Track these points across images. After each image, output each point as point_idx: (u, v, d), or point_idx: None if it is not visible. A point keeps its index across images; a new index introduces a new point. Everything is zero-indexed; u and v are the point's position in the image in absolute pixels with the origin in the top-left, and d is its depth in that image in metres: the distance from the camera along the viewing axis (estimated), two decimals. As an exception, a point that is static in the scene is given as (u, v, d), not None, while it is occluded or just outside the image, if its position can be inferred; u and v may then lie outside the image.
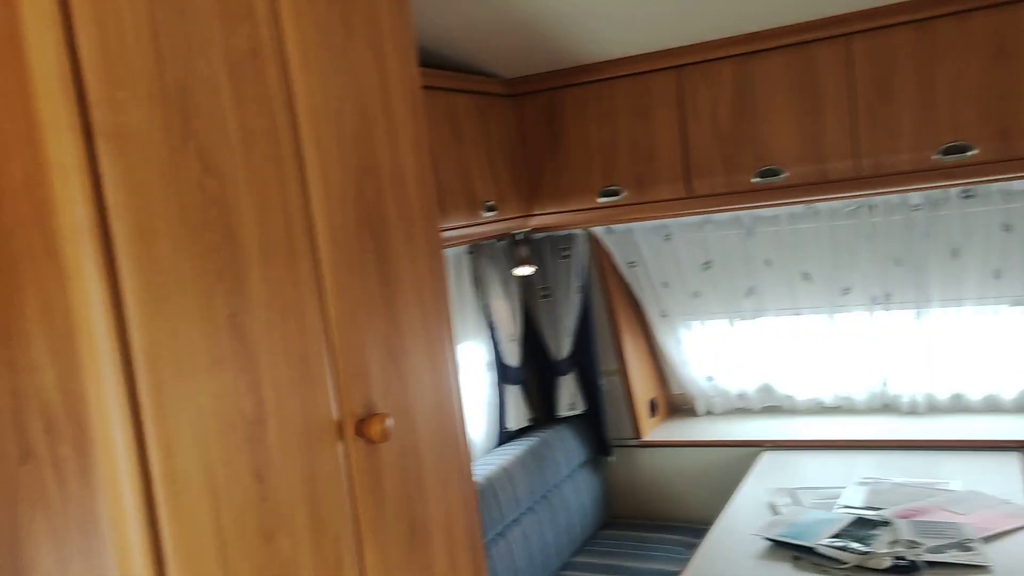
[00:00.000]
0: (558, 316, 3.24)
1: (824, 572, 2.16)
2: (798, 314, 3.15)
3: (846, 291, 3.04)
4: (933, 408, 3.14)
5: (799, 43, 2.44)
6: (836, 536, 2.29)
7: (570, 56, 2.64)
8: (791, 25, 2.43)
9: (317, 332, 1.34)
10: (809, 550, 2.24)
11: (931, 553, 2.13)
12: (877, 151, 2.37)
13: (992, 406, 3.06)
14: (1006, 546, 2.17)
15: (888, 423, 3.12)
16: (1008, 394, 3.02)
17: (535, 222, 2.85)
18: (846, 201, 2.88)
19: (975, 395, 3.06)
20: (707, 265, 3.20)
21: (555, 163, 2.80)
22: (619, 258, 3.26)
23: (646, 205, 2.68)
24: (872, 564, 2.11)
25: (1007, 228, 2.74)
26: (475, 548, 1.70)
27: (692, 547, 3.06)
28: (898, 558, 2.11)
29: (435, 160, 2.26)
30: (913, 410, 3.14)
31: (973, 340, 2.97)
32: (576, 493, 3.19)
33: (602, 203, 2.72)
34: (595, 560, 3.06)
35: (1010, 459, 2.74)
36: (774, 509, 2.57)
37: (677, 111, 2.62)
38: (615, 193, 2.70)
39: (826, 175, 2.44)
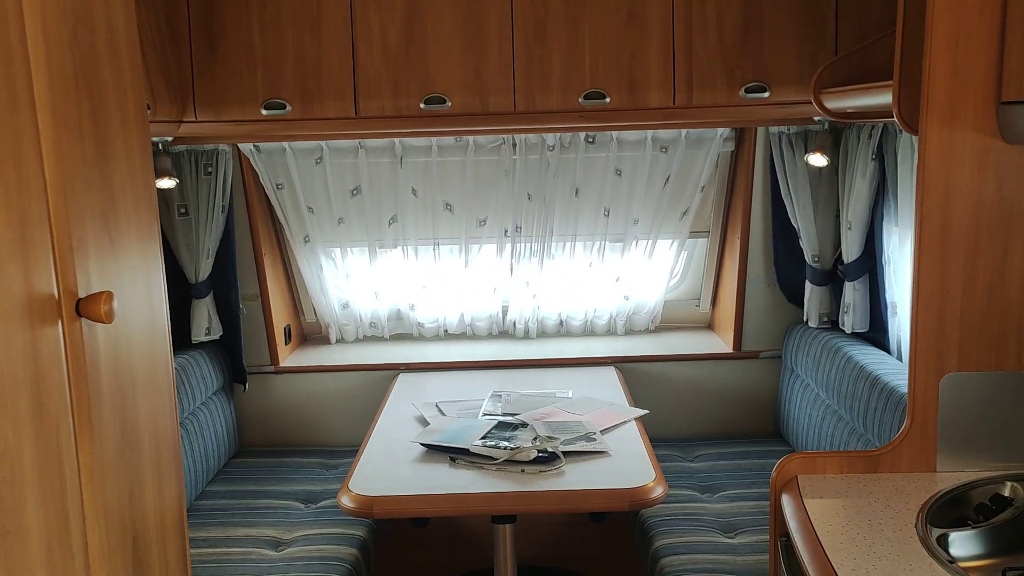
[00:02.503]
0: (197, 236, 3.05)
1: (479, 468, 2.37)
2: (437, 244, 3.34)
3: (482, 223, 3.30)
4: (542, 333, 3.55)
5: (467, -20, 2.59)
6: (484, 438, 2.51)
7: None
8: (459, -38, 2.57)
9: (38, 192, 1.16)
10: (464, 451, 2.44)
11: (565, 445, 2.45)
12: (531, 90, 2.62)
13: (588, 330, 3.57)
14: (618, 435, 2.57)
15: (505, 346, 3.47)
16: (601, 320, 3.54)
17: (191, 130, 2.64)
18: (491, 137, 3.12)
19: (576, 321, 3.54)
20: (355, 192, 3.24)
21: (213, 68, 2.62)
22: (267, 179, 3.16)
23: (313, 122, 2.65)
24: (520, 457, 2.37)
25: (618, 172, 3.20)
26: (176, 454, 1.59)
27: (332, 468, 3.13)
28: (540, 450, 2.40)
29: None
30: (526, 335, 3.53)
31: (578, 272, 3.43)
32: (211, 420, 3.05)
33: (267, 116, 2.62)
34: (231, 487, 2.98)
35: (608, 371, 3.23)
36: (424, 421, 2.74)
37: (347, 30, 2.61)
38: (280, 107, 2.62)
39: (487, 108, 2.63)
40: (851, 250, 2.82)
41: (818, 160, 2.78)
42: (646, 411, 2.76)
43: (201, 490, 2.94)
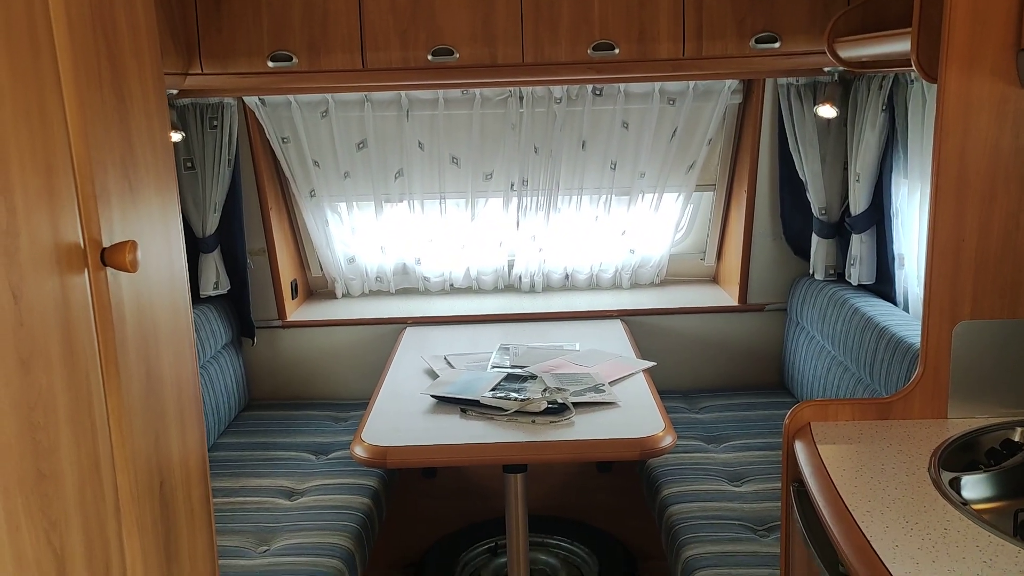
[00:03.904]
0: (204, 190, 3.05)
1: (490, 419, 2.39)
2: (443, 198, 3.34)
3: (488, 177, 3.29)
4: (548, 287, 3.57)
5: (473, -74, 2.55)
6: (494, 389, 2.53)
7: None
8: (467, -92, 2.53)
9: (61, 139, 1.15)
10: (475, 403, 2.46)
11: (574, 396, 2.47)
12: (540, 41, 2.59)
13: (594, 284, 3.58)
14: (626, 387, 2.60)
15: (511, 300, 3.48)
16: (607, 274, 3.54)
17: (196, 82, 2.62)
18: (498, 90, 3.10)
19: (582, 275, 3.55)
20: (361, 145, 3.23)
21: (219, 19, 2.59)
22: (272, 132, 3.14)
23: (320, 74, 2.62)
24: (531, 408, 2.39)
25: (625, 125, 3.18)
26: (197, 402, 1.60)
27: (341, 420, 3.16)
28: (550, 402, 2.42)
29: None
30: (532, 289, 3.54)
31: (584, 226, 3.43)
32: (221, 374, 3.07)
33: (273, 68, 2.60)
34: (243, 439, 3.01)
35: (614, 324, 3.25)
36: (433, 373, 2.76)
37: (353, -21, 2.58)
38: (287, 59, 2.59)
39: (495, 59, 2.60)
40: (859, 202, 2.82)
41: (827, 112, 2.76)
42: (653, 363, 2.78)
43: (213, 442, 2.97)
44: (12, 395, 1.01)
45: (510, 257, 3.53)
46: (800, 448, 1.63)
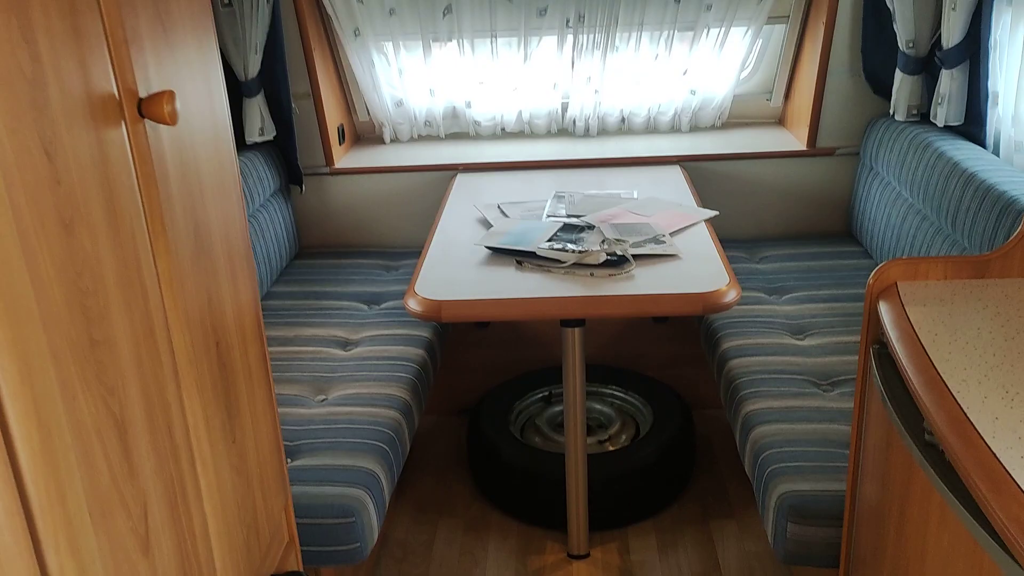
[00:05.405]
0: (243, 29, 2.89)
1: (547, 271, 2.32)
2: (494, 37, 3.14)
3: (542, 13, 3.07)
4: (603, 130, 3.40)
5: None
6: (551, 240, 2.44)
7: None
8: None
9: (83, -25, 1.03)
10: (531, 254, 2.38)
11: (634, 247, 2.38)
12: None
13: (651, 127, 3.40)
14: (686, 238, 2.49)
15: (565, 145, 3.33)
16: (665, 116, 3.36)
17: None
18: (553, -85, 2.84)
19: (639, 117, 3.37)
20: (407, -22, 3.02)
21: None
22: (310, -36, 2.95)
23: None
24: (589, 260, 2.31)
25: (692, -48, 2.92)
26: (248, 257, 1.54)
27: (391, 269, 3.12)
28: (609, 253, 2.33)
29: None
30: (586, 132, 3.38)
31: (643, 66, 3.21)
32: (271, 223, 3.03)
33: None
34: (295, 288, 2.99)
35: (673, 170, 3.10)
36: (486, 223, 2.67)
37: None
38: None
39: None
40: (953, 33, 2.57)
41: (924, -70, 2.48)
42: (716, 212, 2.66)
43: (266, 291, 2.96)
44: (57, 260, 0.94)
45: (564, 99, 3.35)
46: (885, 310, 1.52)
